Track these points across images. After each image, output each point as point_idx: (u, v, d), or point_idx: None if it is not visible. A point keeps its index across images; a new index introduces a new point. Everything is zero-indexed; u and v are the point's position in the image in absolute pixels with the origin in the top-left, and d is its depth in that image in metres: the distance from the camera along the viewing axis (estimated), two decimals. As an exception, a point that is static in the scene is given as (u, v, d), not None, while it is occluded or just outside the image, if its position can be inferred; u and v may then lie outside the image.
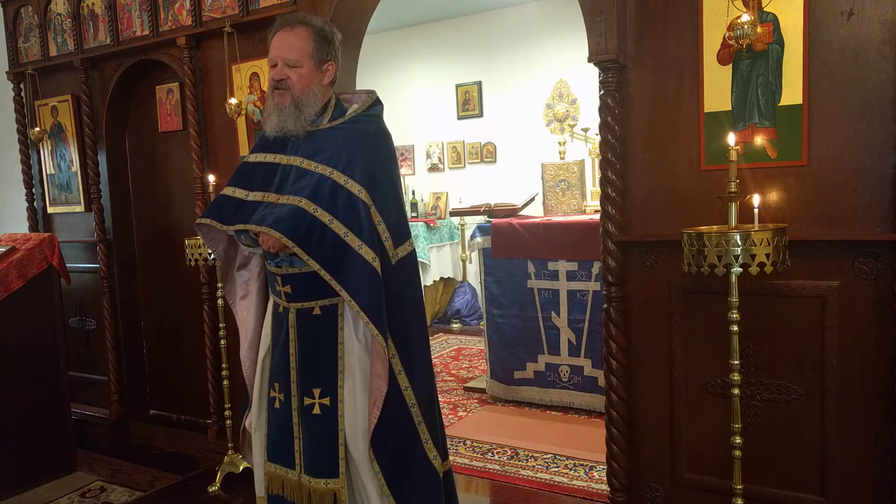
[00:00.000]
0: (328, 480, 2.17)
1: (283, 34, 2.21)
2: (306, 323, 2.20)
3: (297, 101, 2.19)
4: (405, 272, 2.24)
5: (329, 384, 2.18)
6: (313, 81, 2.21)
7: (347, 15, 3.31)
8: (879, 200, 2.29)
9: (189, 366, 4.18)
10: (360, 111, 2.28)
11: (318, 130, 2.23)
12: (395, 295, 2.17)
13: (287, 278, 2.19)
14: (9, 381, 3.57)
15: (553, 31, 7.01)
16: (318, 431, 2.18)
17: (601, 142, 2.72)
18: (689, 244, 2.22)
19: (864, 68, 2.30)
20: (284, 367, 2.24)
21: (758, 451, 2.52)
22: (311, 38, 2.21)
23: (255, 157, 2.32)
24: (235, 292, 2.47)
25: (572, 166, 4.56)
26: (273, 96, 2.21)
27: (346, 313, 2.19)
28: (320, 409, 2.17)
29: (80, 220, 4.49)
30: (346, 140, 2.19)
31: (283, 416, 2.25)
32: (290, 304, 2.22)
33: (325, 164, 2.14)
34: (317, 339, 2.20)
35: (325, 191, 2.10)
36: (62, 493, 3.61)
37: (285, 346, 2.24)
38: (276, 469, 2.28)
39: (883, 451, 2.35)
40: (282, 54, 2.19)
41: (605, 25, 2.61)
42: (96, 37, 4.19)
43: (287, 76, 2.18)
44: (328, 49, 2.24)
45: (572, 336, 4.27)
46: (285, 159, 2.23)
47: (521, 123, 7.28)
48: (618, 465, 2.77)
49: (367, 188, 2.12)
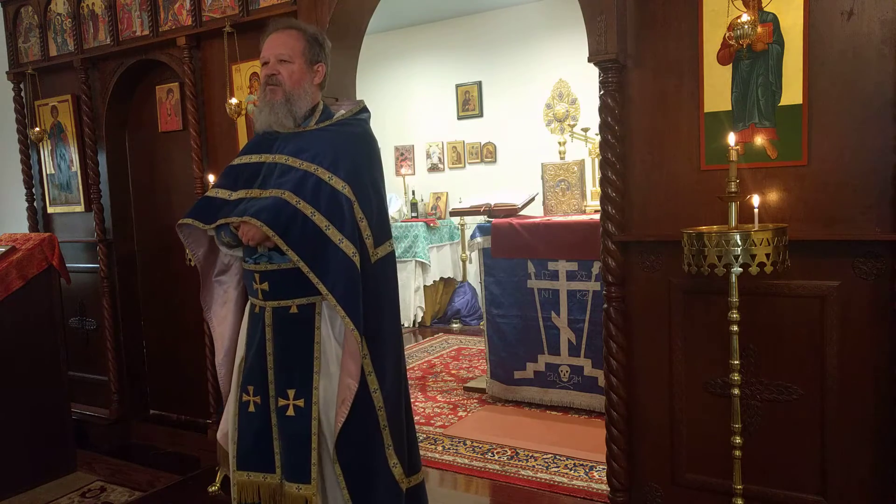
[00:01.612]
0: (300, 486, 2.13)
1: (275, 34, 2.29)
2: (283, 322, 2.18)
3: (289, 96, 2.23)
4: (384, 272, 2.25)
5: (304, 385, 2.15)
6: (304, 79, 2.25)
7: (347, 15, 3.31)
8: (879, 200, 2.29)
9: (189, 366, 4.18)
10: (346, 115, 2.32)
11: (304, 131, 2.26)
12: (372, 293, 2.16)
13: (265, 275, 2.18)
14: (9, 381, 3.57)
15: (553, 31, 7.01)
16: (291, 433, 2.15)
17: (601, 142, 2.72)
18: (689, 244, 2.22)
19: (864, 68, 2.30)
20: (261, 368, 2.20)
21: (758, 451, 2.52)
22: (302, 38, 2.27)
23: (241, 160, 2.34)
24: (213, 299, 2.45)
25: (572, 166, 4.56)
26: (265, 92, 2.24)
27: (324, 312, 2.18)
28: (294, 411, 2.14)
29: (80, 220, 4.49)
30: (331, 140, 2.23)
31: (259, 420, 2.19)
32: (266, 303, 2.20)
33: (309, 162, 2.16)
34: (293, 339, 2.17)
35: (309, 185, 2.12)
36: (62, 493, 3.61)
37: (261, 347, 2.20)
38: (249, 477, 2.21)
39: (883, 451, 2.34)
40: (274, 51, 2.25)
41: (605, 25, 2.61)
42: (96, 37, 4.19)
43: (278, 71, 2.23)
44: (319, 51, 2.30)
45: (572, 336, 4.27)
46: (270, 157, 2.25)
47: (521, 123, 7.28)
48: (618, 465, 2.77)
49: (350, 185, 2.15)
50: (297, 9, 3.34)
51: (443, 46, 7.83)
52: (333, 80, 3.31)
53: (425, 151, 8.02)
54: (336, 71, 3.34)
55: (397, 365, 2.31)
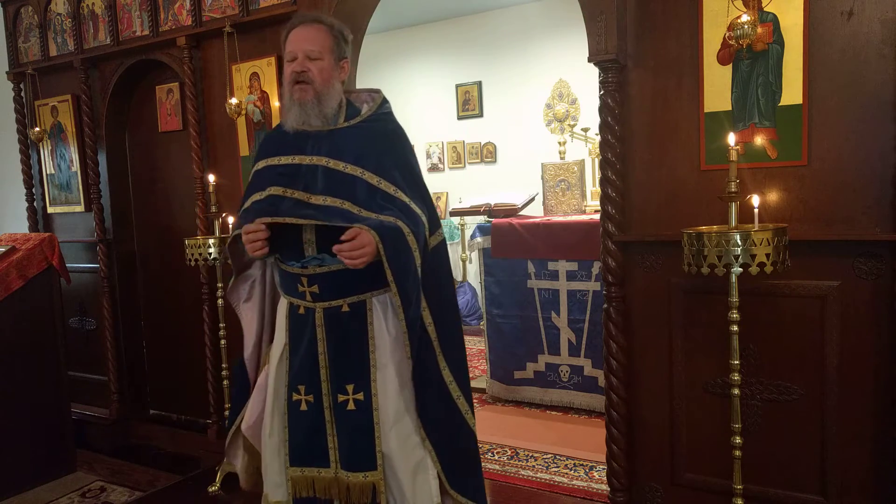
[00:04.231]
0: (367, 473, 2.17)
1: (303, 29, 2.18)
2: (335, 321, 2.17)
3: (320, 95, 2.15)
4: (438, 258, 2.27)
5: (362, 379, 2.17)
6: (333, 76, 2.19)
7: (347, 15, 3.31)
8: (879, 200, 2.29)
9: (189, 366, 4.18)
10: (374, 110, 2.26)
11: (336, 129, 2.20)
12: (432, 279, 2.19)
13: (314, 278, 2.15)
14: (9, 381, 3.57)
15: (553, 31, 7.01)
16: (353, 426, 2.17)
17: (601, 142, 2.72)
18: (689, 244, 2.22)
19: (864, 68, 2.30)
20: (311, 368, 2.20)
21: (758, 451, 2.52)
22: (330, 34, 2.19)
23: (268, 162, 2.25)
24: (240, 296, 2.45)
25: (572, 166, 4.56)
26: (293, 91, 2.16)
27: (376, 307, 2.18)
28: (355, 405, 2.17)
29: (80, 220, 4.49)
30: (369, 141, 2.18)
31: (312, 417, 2.21)
32: (316, 304, 2.17)
33: (354, 165, 2.12)
34: (347, 336, 2.18)
35: (363, 194, 2.09)
36: (62, 493, 3.62)
37: (311, 347, 2.19)
38: (303, 472, 2.24)
39: (883, 451, 2.35)
40: (303, 47, 2.15)
41: (605, 25, 2.61)
42: (96, 37, 4.19)
43: (308, 69, 2.14)
44: (345, 47, 2.24)
45: (572, 336, 4.27)
46: (307, 159, 2.17)
47: (521, 123, 7.28)
48: (618, 465, 2.77)
49: (401, 189, 2.13)
50: (297, 9, 3.34)
51: (443, 46, 7.83)
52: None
53: (425, 151, 8.02)
54: (336, 71, 3.35)
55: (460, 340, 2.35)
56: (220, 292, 3.53)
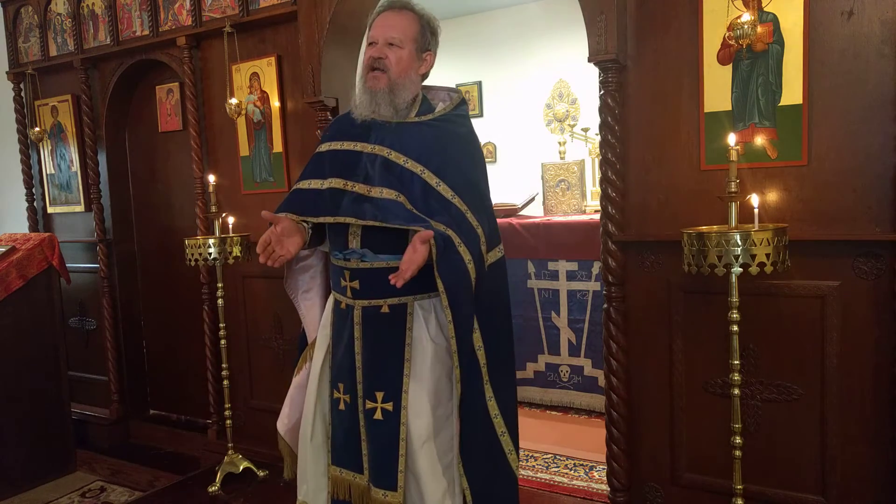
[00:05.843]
0: (386, 492, 2.02)
1: (390, 13, 2.10)
2: (373, 321, 2.07)
3: (393, 84, 2.06)
4: (495, 278, 2.13)
5: (393, 388, 2.03)
6: (411, 67, 2.09)
7: (347, 15, 3.31)
8: (879, 200, 2.29)
9: (189, 366, 4.18)
10: (448, 109, 2.16)
11: (405, 123, 2.10)
12: (485, 298, 2.04)
13: (356, 273, 2.05)
14: (9, 380, 3.57)
15: (553, 31, 7.00)
16: (378, 438, 2.04)
17: (601, 142, 2.72)
18: (689, 244, 2.22)
19: (864, 68, 2.30)
20: (349, 367, 2.10)
21: (758, 451, 2.52)
22: (416, 22, 2.10)
23: (330, 146, 2.16)
24: (298, 287, 2.36)
25: (572, 166, 4.56)
26: (367, 78, 2.07)
27: (417, 312, 2.06)
28: (382, 415, 2.03)
29: (80, 220, 4.49)
30: (437, 140, 2.09)
31: (349, 419, 2.11)
32: (355, 301, 2.08)
33: (415, 161, 2.02)
34: (383, 339, 2.06)
35: (418, 192, 1.99)
36: (62, 493, 3.62)
37: (350, 345, 2.10)
38: (342, 473, 2.13)
39: (883, 451, 2.35)
40: (385, 32, 2.07)
41: (605, 25, 2.61)
42: (96, 37, 4.19)
43: (386, 55, 2.05)
44: (431, 39, 2.15)
45: (572, 336, 4.27)
46: (369, 147, 2.08)
47: (521, 123, 7.26)
48: (618, 465, 2.77)
49: (459, 194, 2.02)
50: (297, 8, 3.34)
51: (442, 46, 7.71)
52: (332, 81, 3.34)
53: (425, 151, 8.01)
54: (336, 71, 3.35)
55: (511, 369, 2.19)
56: (221, 292, 3.53)
